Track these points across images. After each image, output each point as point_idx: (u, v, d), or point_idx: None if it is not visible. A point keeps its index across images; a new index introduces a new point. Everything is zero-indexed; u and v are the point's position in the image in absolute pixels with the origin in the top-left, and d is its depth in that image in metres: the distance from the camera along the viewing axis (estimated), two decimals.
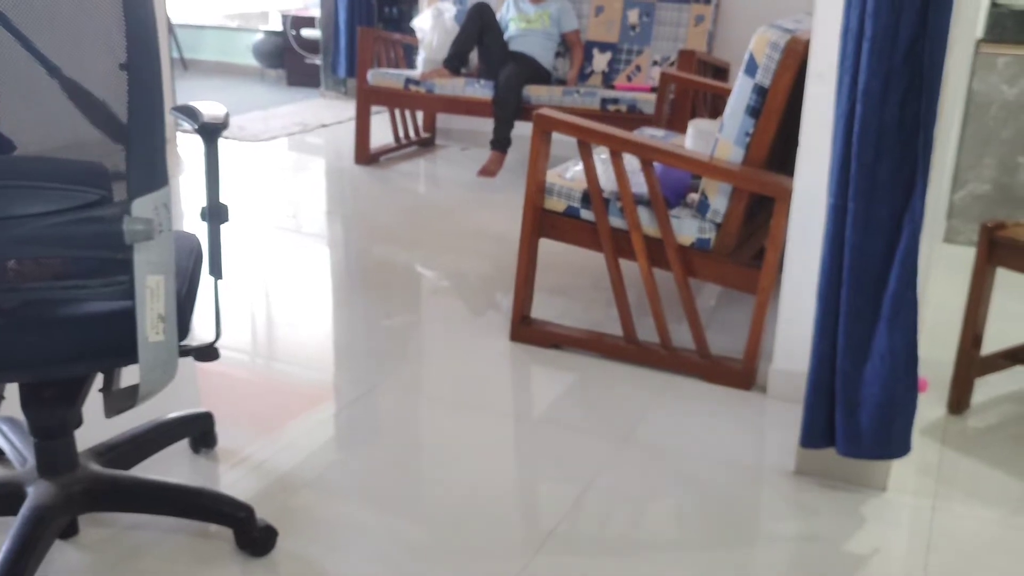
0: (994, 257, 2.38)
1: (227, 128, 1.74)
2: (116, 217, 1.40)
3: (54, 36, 1.38)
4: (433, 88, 4.94)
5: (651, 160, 2.56)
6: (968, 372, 2.45)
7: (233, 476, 2.07)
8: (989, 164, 3.80)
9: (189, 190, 4.56)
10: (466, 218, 4.25)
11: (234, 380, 2.56)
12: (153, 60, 1.40)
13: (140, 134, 1.41)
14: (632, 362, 2.72)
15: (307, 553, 1.81)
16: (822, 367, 1.99)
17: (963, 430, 2.40)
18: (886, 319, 1.88)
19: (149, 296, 1.46)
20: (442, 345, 2.83)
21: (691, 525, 1.96)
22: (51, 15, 1.37)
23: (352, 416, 2.37)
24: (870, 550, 1.90)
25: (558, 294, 3.22)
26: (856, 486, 2.11)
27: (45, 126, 1.45)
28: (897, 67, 1.77)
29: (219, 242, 1.73)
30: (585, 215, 2.71)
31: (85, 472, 1.78)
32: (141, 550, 1.80)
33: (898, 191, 1.84)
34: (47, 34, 1.38)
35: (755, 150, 2.50)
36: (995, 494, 2.11)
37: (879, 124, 1.81)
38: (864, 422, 1.96)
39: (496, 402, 2.49)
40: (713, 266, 2.60)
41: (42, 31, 1.37)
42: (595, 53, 5.17)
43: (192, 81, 7.94)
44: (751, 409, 2.48)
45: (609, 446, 2.27)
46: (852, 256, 1.89)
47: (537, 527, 1.93)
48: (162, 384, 1.55)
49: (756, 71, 2.45)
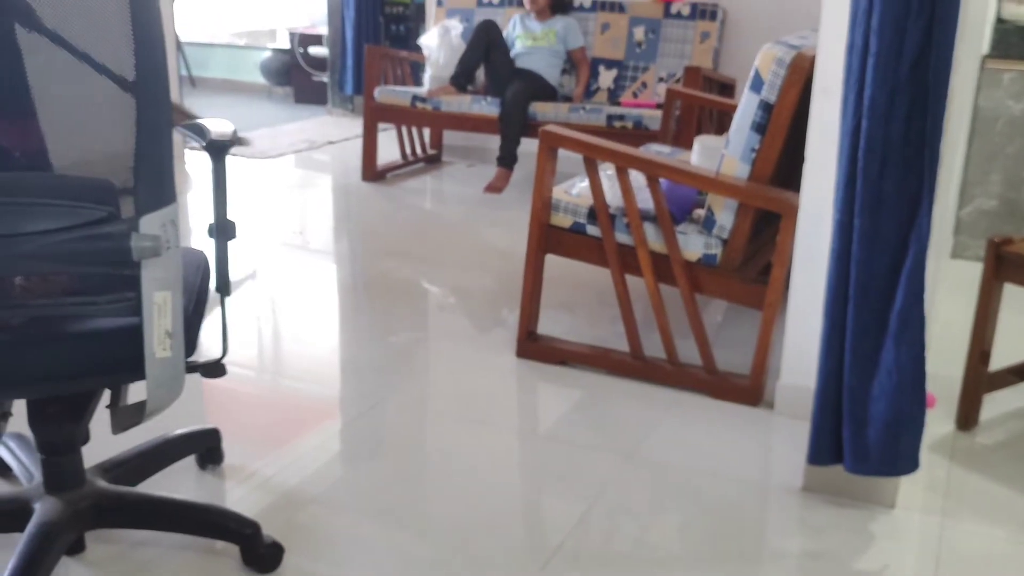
0: (1001, 273, 2.37)
1: (235, 145, 1.75)
2: (124, 234, 1.41)
3: (63, 53, 1.39)
4: (440, 105, 4.96)
5: (657, 176, 2.57)
6: (976, 388, 2.45)
7: (239, 492, 2.07)
8: (996, 180, 3.80)
9: (197, 207, 4.57)
10: (472, 234, 4.25)
11: (241, 396, 2.56)
12: (161, 77, 1.41)
13: (148, 151, 1.42)
14: (638, 378, 2.71)
15: (313, 569, 1.81)
16: (829, 383, 1.99)
17: (971, 446, 2.39)
18: (893, 335, 1.88)
19: (156, 312, 1.47)
20: (448, 361, 2.83)
21: (697, 542, 1.95)
22: (61, 32, 1.38)
23: (358, 432, 2.37)
24: (879, 567, 1.89)
25: (564, 310, 3.22)
26: (864, 503, 2.10)
27: (55, 143, 1.46)
28: (902, 83, 1.78)
29: (227, 259, 1.74)
30: (591, 231, 2.72)
31: (92, 488, 1.78)
32: (148, 567, 1.80)
33: (904, 207, 1.84)
34: (57, 51, 1.39)
35: (761, 166, 2.50)
36: (1004, 511, 2.10)
37: (884, 140, 1.81)
38: (872, 438, 1.95)
39: (502, 418, 2.49)
40: (719, 282, 2.60)
41: (52, 48, 1.39)
42: (601, 70, 5.19)
43: (200, 98, 7.98)
44: (758, 425, 2.47)
45: (615, 462, 2.26)
46: (858, 272, 1.88)
47: (543, 543, 1.93)
48: (169, 400, 1.55)
49: (762, 87, 2.46)
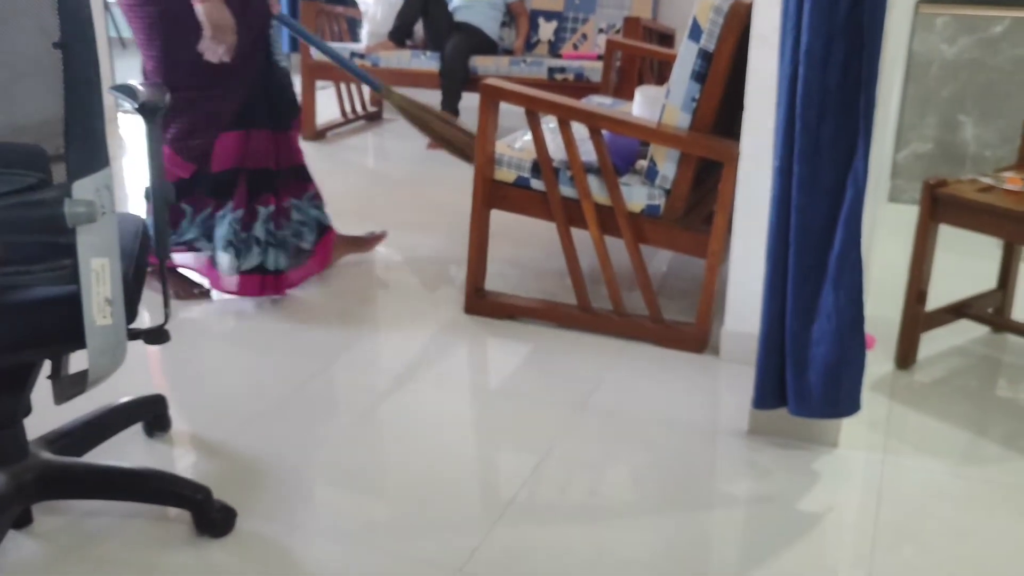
0: (937, 214, 2.42)
1: (167, 108, 1.71)
2: (56, 200, 1.37)
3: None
4: (378, 61, 4.89)
5: (599, 128, 2.57)
6: (914, 328, 2.51)
7: (190, 459, 2.06)
8: (930, 123, 3.86)
9: (134, 172, 4.48)
10: (417, 191, 4.22)
11: (186, 362, 2.53)
12: (89, 38, 1.37)
13: (78, 114, 1.38)
14: (586, 330, 2.74)
15: (267, 532, 1.81)
16: (772, 328, 2.02)
17: (910, 384, 2.46)
18: (832, 279, 1.91)
19: (94, 279, 1.44)
20: (397, 319, 2.82)
21: (648, 488, 1.99)
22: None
23: (307, 394, 2.36)
24: (823, 506, 1.94)
25: (511, 265, 3.23)
26: (808, 444, 2.15)
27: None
28: (838, 29, 1.79)
29: (165, 223, 1.71)
30: (535, 185, 2.71)
31: (36, 460, 1.76)
32: (98, 537, 1.79)
33: (841, 152, 1.86)
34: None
35: (701, 115, 2.52)
36: (942, 446, 2.17)
37: (821, 86, 1.83)
38: (814, 381, 1.99)
39: (453, 375, 2.50)
40: (663, 232, 2.62)
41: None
42: (541, 22, 5.15)
43: (132, 60, 7.76)
44: (704, 372, 2.51)
45: (565, 414, 2.28)
46: (798, 217, 1.91)
47: (497, 497, 1.95)
48: (112, 368, 1.53)
49: (700, 36, 2.46)
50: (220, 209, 2.78)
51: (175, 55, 2.63)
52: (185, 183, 2.72)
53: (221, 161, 2.74)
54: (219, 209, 2.78)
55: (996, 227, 2.36)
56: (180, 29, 2.59)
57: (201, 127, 2.69)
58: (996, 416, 2.32)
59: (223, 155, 2.74)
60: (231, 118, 2.72)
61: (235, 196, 2.76)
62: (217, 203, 2.78)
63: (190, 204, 2.78)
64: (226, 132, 2.72)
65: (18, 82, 1.42)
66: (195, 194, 2.76)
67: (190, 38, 2.59)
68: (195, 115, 2.68)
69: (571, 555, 1.77)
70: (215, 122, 2.70)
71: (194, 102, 2.66)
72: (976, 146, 3.83)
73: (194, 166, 2.73)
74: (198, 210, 2.79)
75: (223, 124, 2.72)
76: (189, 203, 2.77)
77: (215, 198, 2.78)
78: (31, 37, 1.38)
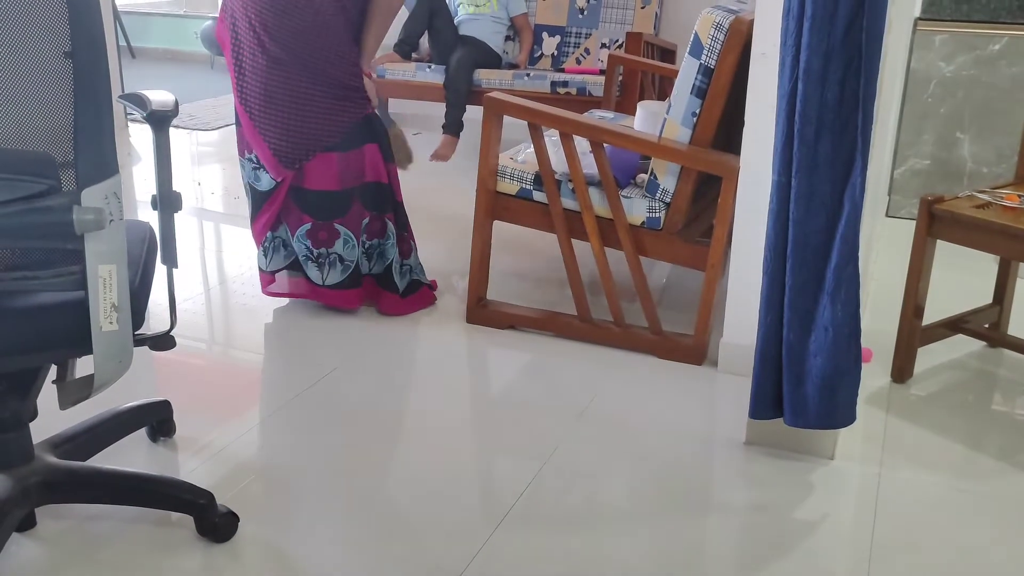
0: (933, 230, 2.44)
1: (176, 116, 1.74)
2: (65, 207, 1.40)
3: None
4: (384, 73, 4.93)
5: (601, 142, 2.60)
6: (910, 342, 2.52)
7: (193, 464, 2.08)
8: (928, 140, 3.89)
9: (143, 179, 4.50)
10: (420, 202, 4.24)
11: (191, 368, 2.55)
12: (98, 47, 1.40)
13: (87, 122, 1.41)
14: (586, 340, 2.76)
15: (269, 537, 1.83)
16: (769, 340, 2.04)
17: (907, 398, 2.48)
18: (829, 292, 1.93)
19: (102, 286, 1.46)
20: (399, 328, 2.84)
21: (646, 498, 2.01)
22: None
23: (310, 401, 2.38)
24: (819, 517, 1.95)
25: (513, 276, 3.25)
26: (805, 455, 2.17)
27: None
28: (837, 46, 1.82)
29: (172, 230, 1.73)
30: (538, 197, 2.74)
31: (41, 464, 1.77)
32: (101, 541, 1.80)
33: (839, 167, 1.88)
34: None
35: (702, 130, 2.54)
36: (938, 459, 2.18)
37: (820, 102, 1.85)
38: (810, 393, 2.01)
39: (454, 383, 2.52)
40: (663, 244, 2.65)
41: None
42: (544, 36, 5.19)
43: (141, 69, 7.81)
44: (702, 383, 2.53)
45: (565, 423, 2.30)
46: (796, 231, 1.93)
47: (496, 505, 1.96)
48: (117, 374, 1.55)
49: (701, 52, 2.49)
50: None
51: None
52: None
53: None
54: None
55: (992, 244, 2.39)
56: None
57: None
58: (991, 430, 2.33)
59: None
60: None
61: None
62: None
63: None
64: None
65: (28, 90, 1.44)
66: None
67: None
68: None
69: (569, 562, 1.78)
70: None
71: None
72: (973, 163, 3.85)
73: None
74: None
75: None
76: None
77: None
78: (42, 46, 1.40)
